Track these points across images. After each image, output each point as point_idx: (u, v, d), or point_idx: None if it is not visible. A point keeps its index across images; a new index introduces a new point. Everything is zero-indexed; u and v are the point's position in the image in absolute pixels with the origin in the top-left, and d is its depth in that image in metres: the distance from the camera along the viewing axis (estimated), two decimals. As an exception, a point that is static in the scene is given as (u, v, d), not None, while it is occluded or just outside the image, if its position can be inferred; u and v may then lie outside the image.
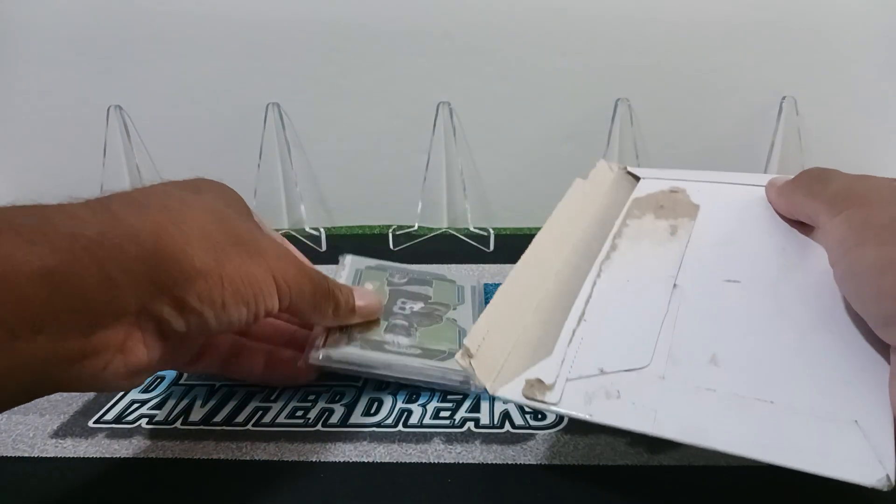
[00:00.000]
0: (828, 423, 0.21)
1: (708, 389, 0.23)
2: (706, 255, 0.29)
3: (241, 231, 0.27)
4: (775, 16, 0.55)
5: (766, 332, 0.24)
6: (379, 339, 0.36)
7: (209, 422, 0.35)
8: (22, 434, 0.34)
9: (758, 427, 0.21)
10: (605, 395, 0.24)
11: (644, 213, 0.33)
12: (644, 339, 0.25)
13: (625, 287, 0.28)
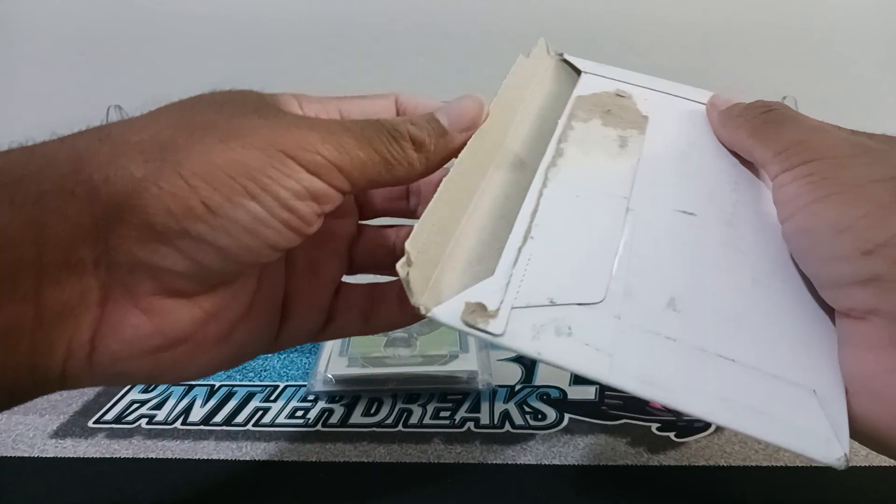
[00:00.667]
0: (788, 389, 0.19)
1: (668, 338, 0.21)
2: (659, 178, 0.26)
3: (208, 118, 0.20)
4: (776, 16, 0.55)
5: (723, 276, 0.23)
6: (379, 355, 0.37)
7: (209, 422, 0.35)
8: (22, 434, 0.34)
9: (718, 387, 0.19)
10: (554, 330, 0.20)
11: (590, 116, 0.29)
12: (598, 268, 0.22)
13: (574, 202, 0.25)
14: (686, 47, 0.56)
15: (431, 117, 0.23)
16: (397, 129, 0.22)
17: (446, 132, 0.23)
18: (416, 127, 0.22)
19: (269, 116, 0.21)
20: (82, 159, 0.18)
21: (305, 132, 0.20)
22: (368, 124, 0.22)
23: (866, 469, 0.31)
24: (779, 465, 0.31)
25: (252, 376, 0.39)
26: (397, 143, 0.22)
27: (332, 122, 0.21)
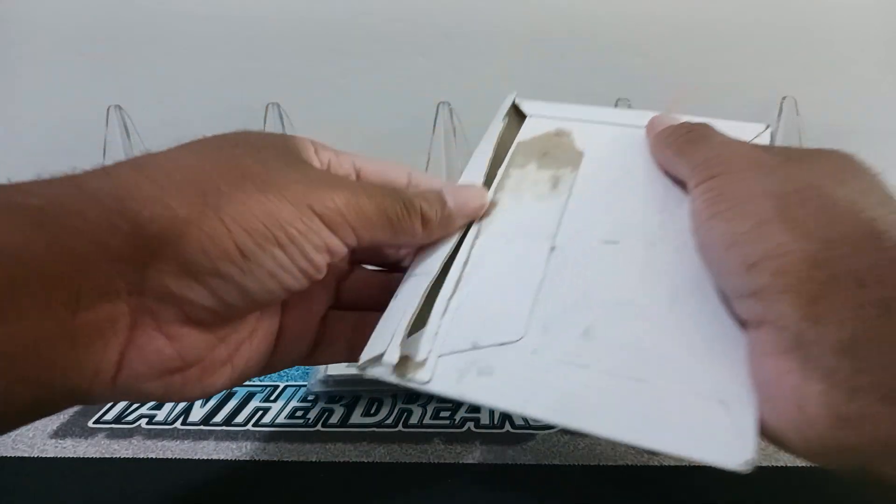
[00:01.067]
0: (695, 403, 0.20)
1: (580, 366, 0.22)
2: (586, 211, 0.27)
3: (246, 165, 0.22)
4: (775, 16, 0.55)
5: (640, 300, 0.23)
6: None
7: (209, 422, 0.35)
8: (22, 434, 0.34)
9: (627, 408, 0.20)
10: (477, 371, 0.22)
11: (528, 160, 0.30)
12: (519, 308, 0.24)
13: (502, 249, 0.26)
14: (686, 47, 0.56)
15: (440, 197, 0.26)
16: (412, 203, 0.24)
17: (451, 215, 0.26)
18: (427, 204, 0.25)
19: (300, 170, 0.23)
20: (127, 195, 0.19)
21: (332, 192, 0.22)
22: (387, 192, 0.24)
23: (866, 469, 0.31)
24: (779, 465, 0.31)
25: (252, 376, 0.39)
26: (408, 216, 0.24)
27: (355, 184, 0.24)
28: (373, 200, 0.23)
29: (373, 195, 0.23)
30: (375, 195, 0.23)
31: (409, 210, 0.24)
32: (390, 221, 0.24)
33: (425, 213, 0.25)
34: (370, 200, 0.23)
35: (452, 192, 0.26)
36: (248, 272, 0.20)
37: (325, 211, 0.22)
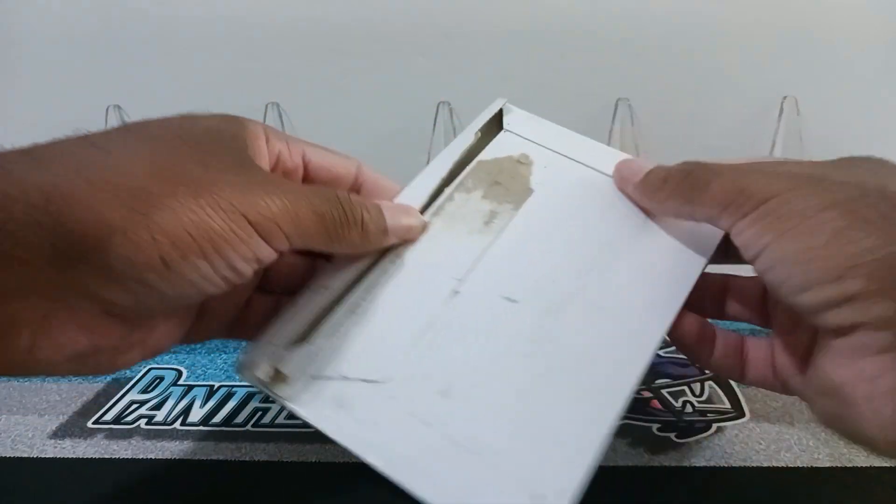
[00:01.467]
0: (510, 491, 0.20)
1: (424, 423, 0.22)
2: (504, 261, 0.26)
3: (182, 167, 0.21)
4: (776, 16, 0.55)
5: (510, 369, 0.23)
6: None
7: (208, 422, 0.35)
8: (21, 434, 0.34)
9: (448, 479, 0.20)
10: (337, 403, 0.22)
11: (476, 186, 0.29)
12: (397, 348, 0.24)
13: (409, 281, 0.26)
14: (686, 47, 0.56)
15: (380, 212, 0.25)
16: (353, 213, 0.24)
17: (386, 232, 0.25)
18: (369, 215, 0.24)
19: (239, 171, 0.22)
20: (56, 193, 0.19)
21: (268, 198, 0.22)
22: (327, 199, 0.23)
23: (866, 469, 0.30)
24: (779, 465, 0.31)
25: (252, 377, 0.39)
26: (347, 226, 0.24)
27: (295, 188, 0.23)
28: (311, 206, 0.22)
29: (312, 200, 0.23)
30: (315, 201, 0.23)
31: (349, 219, 0.24)
32: (327, 229, 0.23)
33: (366, 223, 0.24)
34: (308, 206, 0.22)
35: (390, 210, 0.26)
36: (169, 281, 0.20)
37: (259, 220, 0.21)
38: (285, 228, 0.22)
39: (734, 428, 0.33)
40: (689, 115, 0.58)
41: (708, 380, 0.37)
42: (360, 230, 0.24)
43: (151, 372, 0.39)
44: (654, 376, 0.38)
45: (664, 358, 0.40)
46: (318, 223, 0.23)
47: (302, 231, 0.22)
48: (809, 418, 0.34)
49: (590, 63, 0.57)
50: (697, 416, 0.34)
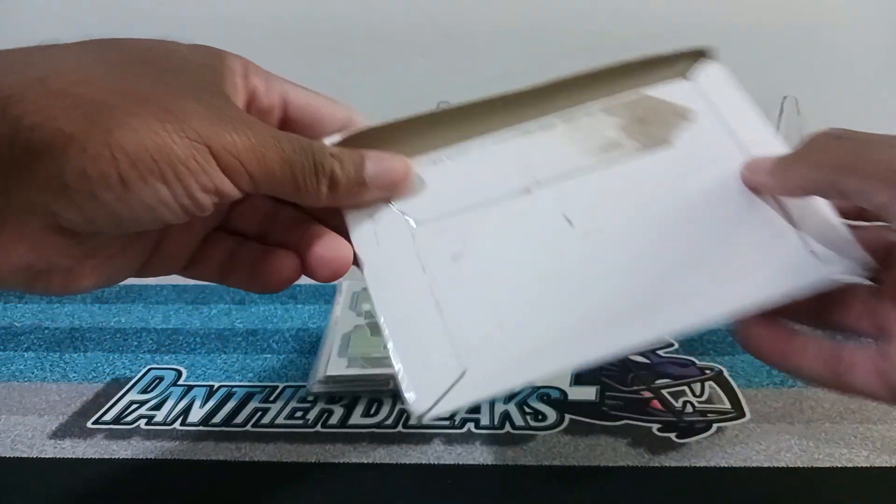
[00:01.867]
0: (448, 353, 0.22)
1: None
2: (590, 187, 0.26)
3: (151, 88, 0.20)
4: (776, 16, 0.55)
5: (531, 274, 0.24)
6: (379, 355, 0.37)
7: (208, 423, 0.35)
8: (21, 435, 0.34)
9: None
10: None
11: (623, 114, 0.29)
12: None
13: (491, 163, 0.27)
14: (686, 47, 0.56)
15: (360, 162, 0.24)
16: (323, 164, 0.23)
17: (365, 184, 0.24)
18: (340, 167, 0.23)
19: (210, 102, 0.21)
20: (13, 97, 0.18)
21: (234, 136, 0.21)
22: (297, 148, 0.22)
23: (866, 469, 0.30)
24: (780, 465, 0.31)
25: (251, 377, 0.39)
26: (315, 177, 0.22)
27: (265, 130, 0.22)
28: (278, 152, 0.21)
29: (281, 146, 0.22)
30: (284, 146, 0.22)
31: (318, 170, 0.23)
32: (294, 178, 0.22)
33: (335, 176, 0.23)
34: (276, 151, 0.21)
35: (375, 160, 0.24)
36: (124, 201, 0.19)
37: (222, 153, 0.20)
38: (249, 168, 0.21)
39: (734, 428, 0.33)
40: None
41: (708, 380, 0.37)
42: (327, 183, 0.23)
43: (151, 372, 0.39)
44: (654, 376, 0.38)
45: (664, 358, 0.40)
46: (283, 170, 0.22)
47: (266, 174, 0.21)
48: (809, 419, 0.34)
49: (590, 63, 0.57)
50: (698, 417, 0.34)
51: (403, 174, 0.25)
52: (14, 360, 0.41)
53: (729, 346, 0.41)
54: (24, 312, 0.47)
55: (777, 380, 0.37)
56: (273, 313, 0.46)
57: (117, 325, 0.45)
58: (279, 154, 0.22)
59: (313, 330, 0.43)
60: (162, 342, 0.43)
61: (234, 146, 0.21)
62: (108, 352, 0.42)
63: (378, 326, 0.23)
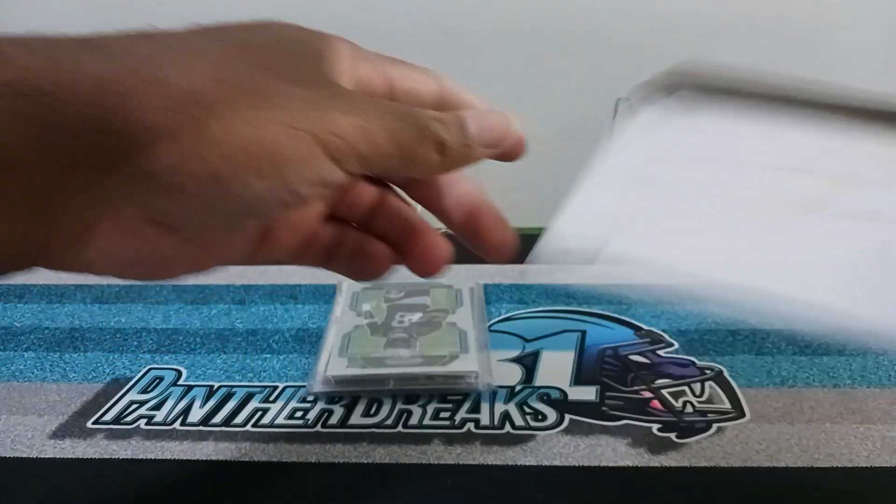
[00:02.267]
0: None
1: None
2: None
3: (251, 76, 0.19)
4: (775, 16, 0.55)
5: None
6: (379, 355, 0.37)
7: (208, 423, 0.35)
8: (20, 435, 0.34)
9: None
10: None
11: None
12: None
13: None
14: (686, 47, 0.56)
15: (461, 121, 0.22)
16: (428, 127, 0.21)
17: (470, 144, 0.22)
18: (444, 128, 0.21)
19: (310, 85, 0.20)
20: (109, 88, 0.17)
21: (341, 115, 0.19)
22: (399, 115, 0.21)
23: (866, 469, 0.30)
24: (780, 465, 0.31)
25: (251, 377, 0.39)
26: (421, 143, 0.21)
27: (370, 103, 0.21)
28: (384, 124, 0.20)
29: (385, 116, 0.20)
30: (388, 116, 0.20)
31: (424, 136, 0.21)
32: (402, 149, 0.20)
33: (442, 139, 0.21)
34: (381, 124, 0.20)
35: (475, 118, 0.23)
36: (219, 198, 0.19)
37: (329, 138, 0.19)
38: (361, 148, 0.20)
39: (734, 428, 0.33)
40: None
41: (708, 380, 0.37)
42: (436, 148, 0.21)
43: (151, 372, 0.39)
44: (654, 376, 0.38)
45: (664, 358, 0.40)
46: (393, 143, 0.20)
47: (376, 151, 0.20)
48: (810, 419, 0.34)
49: (590, 63, 0.57)
50: (698, 417, 0.34)
51: (506, 128, 0.24)
52: (14, 360, 0.41)
53: (729, 346, 0.41)
54: (24, 312, 0.47)
55: (777, 380, 0.37)
56: (273, 313, 0.46)
57: (117, 325, 0.45)
58: (385, 126, 0.20)
59: (313, 330, 0.43)
60: (162, 342, 0.43)
61: (339, 128, 0.19)
62: (108, 352, 0.42)
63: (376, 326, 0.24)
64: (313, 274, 0.52)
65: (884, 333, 0.24)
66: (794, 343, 0.41)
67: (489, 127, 0.23)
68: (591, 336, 0.42)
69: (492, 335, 0.42)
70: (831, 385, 0.37)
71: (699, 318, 0.44)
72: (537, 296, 0.48)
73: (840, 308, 0.24)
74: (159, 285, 0.50)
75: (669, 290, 0.27)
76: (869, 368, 0.38)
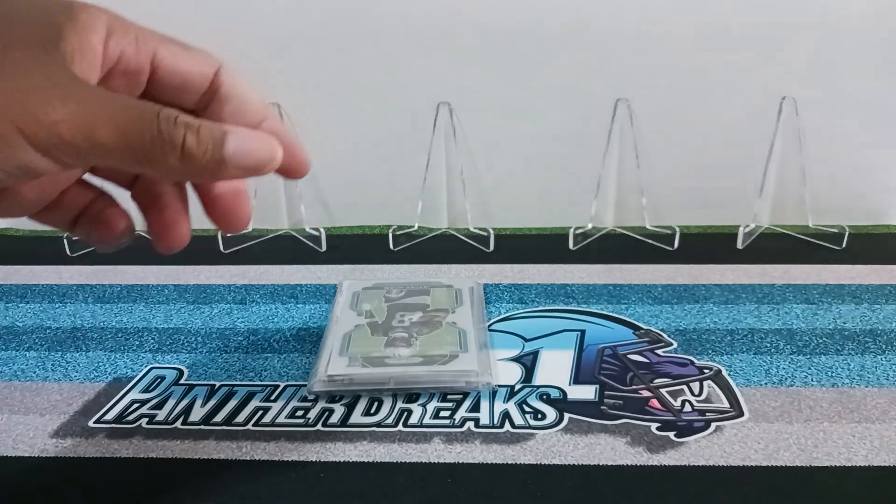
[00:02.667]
0: None
1: None
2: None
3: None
4: (775, 16, 0.55)
5: None
6: (379, 355, 0.37)
7: (209, 422, 0.35)
8: (22, 434, 0.34)
9: None
10: None
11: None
12: None
13: None
14: (686, 47, 0.56)
15: (219, 137, 0.21)
16: (172, 136, 0.20)
17: (224, 162, 0.21)
18: (195, 140, 0.20)
19: (32, 70, 0.19)
20: None
21: (58, 105, 0.19)
22: (134, 113, 0.20)
23: (866, 469, 0.31)
24: (778, 465, 0.31)
25: (252, 376, 0.39)
26: (157, 146, 0.20)
27: (95, 98, 0.20)
28: (114, 121, 0.19)
29: (116, 115, 0.19)
30: (120, 115, 0.19)
31: (165, 141, 0.20)
32: (133, 149, 0.19)
33: (188, 150, 0.20)
34: (110, 120, 0.19)
35: (238, 139, 0.21)
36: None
37: (32, 129, 0.18)
38: (75, 142, 0.19)
39: (733, 427, 0.33)
40: (688, 115, 0.58)
41: (707, 379, 0.38)
42: (178, 155, 0.20)
43: (152, 371, 0.39)
44: (653, 376, 0.38)
45: (663, 357, 0.40)
46: (119, 140, 0.19)
47: (98, 147, 0.19)
48: (808, 418, 0.34)
49: (590, 63, 0.57)
50: (696, 416, 0.34)
51: (268, 157, 0.22)
52: (16, 360, 0.41)
53: (727, 345, 0.41)
54: (26, 312, 0.47)
55: (776, 379, 0.37)
56: (274, 313, 0.46)
57: (119, 324, 0.45)
58: (113, 124, 0.19)
59: (314, 329, 0.44)
60: (163, 341, 0.43)
61: (48, 118, 0.19)
62: (109, 351, 0.42)
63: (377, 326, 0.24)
64: (314, 274, 0.52)
65: None
66: (793, 342, 0.41)
67: (249, 152, 0.22)
68: (591, 335, 0.42)
69: (491, 335, 0.42)
70: (829, 384, 0.37)
71: (698, 318, 0.44)
72: (537, 295, 0.48)
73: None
74: (161, 285, 0.50)
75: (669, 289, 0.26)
76: (867, 368, 0.38)
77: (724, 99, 0.58)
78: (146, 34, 0.23)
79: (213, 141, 0.21)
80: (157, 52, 0.23)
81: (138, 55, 0.23)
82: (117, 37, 0.22)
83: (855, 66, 0.56)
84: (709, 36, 0.56)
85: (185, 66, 0.24)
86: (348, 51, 0.58)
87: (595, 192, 0.59)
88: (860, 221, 0.60)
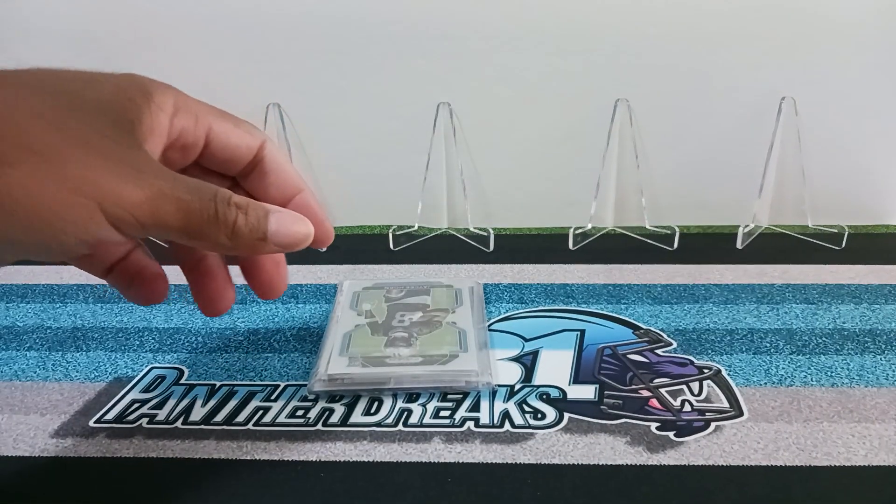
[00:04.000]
0: None
1: None
2: None
3: (45, 135, 0.20)
4: (775, 16, 0.55)
5: None
6: (380, 354, 0.37)
7: (210, 421, 0.35)
8: (23, 434, 0.34)
9: None
10: None
11: None
12: None
13: None
14: (686, 47, 0.56)
15: (263, 217, 0.23)
16: (226, 215, 0.22)
17: (266, 240, 0.24)
18: (244, 219, 0.23)
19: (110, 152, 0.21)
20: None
21: (129, 187, 0.21)
22: (198, 193, 0.22)
23: (866, 469, 0.31)
24: (778, 464, 0.31)
25: (252, 376, 0.39)
26: (212, 225, 0.22)
27: (163, 180, 0.22)
28: (177, 200, 0.21)
29: (181, 195, 0.22)
30: (184, 196, 0.22)
31: (220, 219, 0.22)
32: (189, 225, 0.22)
33: (238, 228, 0.23)
34: (174, 200, 0.21)
35: (279, 220, 0.24)
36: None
37: (113, 210, 0.20)
38: (141, 220, 0.21)
39: (732, 427, 0.34)
40: (688, 114, 0.58)
41: (706, 379, 0.38)
42: (229, 232, 0.23)
43: (153, 371, 0.39)
44: (652, 376, 0.38)
45: (663, 357, 0.40)
46: (182, 220, 0.22)
47: (162, 225, 0.21)
48: (807, 417, 0.34)
49: (590, 63, 0.57)
50: (696, 416, 0.34)
51: (304, 237, 0.25)
52: (16, 360, 0.41)
53: (727, 345, 0.41)
54: (27, 312, 0.47)
55: (775, 379, 0.37)
56: (274, 313, 0.46)
57: (119, 324, 0.45)
58: (177, 203, 0.21)
59: (314, 329, 0.44)
60: (164, 341, 0.43)
61: (125, 199, 0.20)
62: (110, 351, 0.42)
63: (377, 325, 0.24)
64: (314, 274, 0.52)
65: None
66: (792, 342, 0.41)
67: (288, 233, 0.24)
68: (590, 335, 0.42)
69: (491, 334, 0.42)
70: (829, 384, 0.37)
71: (697, 318, 0.44)
72: (536, 295, 0.48)
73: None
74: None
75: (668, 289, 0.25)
76: (866, 368, 0.38)
77: (724, 99, 0.58)
78: (204, 110, 0.25)
79: (258, 220, 0.23)
80: (212, 128, 0.26)
81: (196, 130, 0.25)
82: (181, 114, 0.24)
83: (855, 66, 0.56)
84: (708, 36, 0.56)
85: (235, 141, 0.27)
86: (348, 51, 0.58)
87: (594, 193, 0.59)
88: (859, 221, 0.60)
